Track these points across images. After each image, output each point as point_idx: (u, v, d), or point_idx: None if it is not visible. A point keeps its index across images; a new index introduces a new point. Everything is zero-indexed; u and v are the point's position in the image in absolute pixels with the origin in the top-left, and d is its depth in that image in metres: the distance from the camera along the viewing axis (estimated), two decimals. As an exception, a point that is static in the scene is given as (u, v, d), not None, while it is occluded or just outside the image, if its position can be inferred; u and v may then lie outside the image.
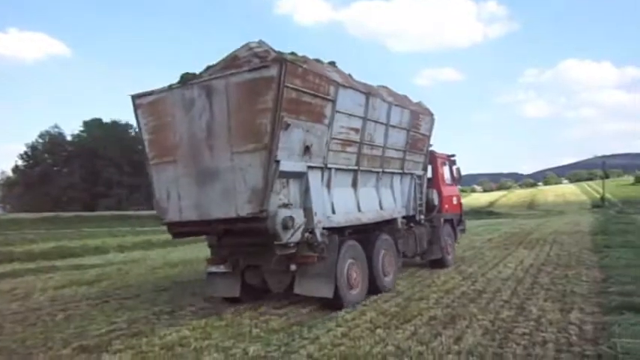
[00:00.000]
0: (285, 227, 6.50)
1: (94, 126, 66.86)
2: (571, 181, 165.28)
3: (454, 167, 12.90)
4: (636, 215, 36.80)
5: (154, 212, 8.22)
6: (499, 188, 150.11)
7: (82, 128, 67.33)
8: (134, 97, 7.48)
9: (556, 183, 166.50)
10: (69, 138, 67.26)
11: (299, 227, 6.71)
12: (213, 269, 7.86)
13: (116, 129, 66.95)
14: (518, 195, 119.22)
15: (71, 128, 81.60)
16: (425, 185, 11.08)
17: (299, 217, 6.74)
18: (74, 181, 61.44)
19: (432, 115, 10.95)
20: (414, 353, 4.91)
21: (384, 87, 9.46)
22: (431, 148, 11.34)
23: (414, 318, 6.38)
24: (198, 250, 19.48)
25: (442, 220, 11.66)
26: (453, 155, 12.95)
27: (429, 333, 5.64)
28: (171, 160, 7.21)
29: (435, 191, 11.43)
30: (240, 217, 6.59)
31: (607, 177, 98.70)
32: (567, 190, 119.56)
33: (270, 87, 6.23)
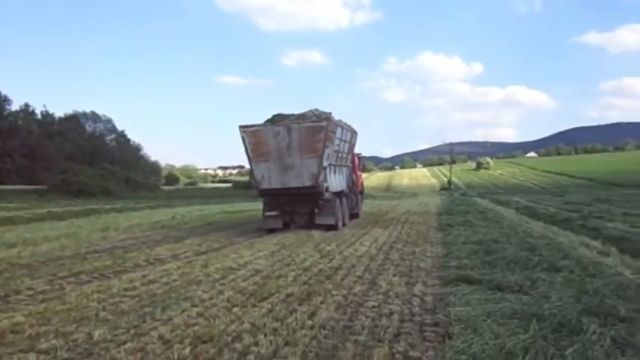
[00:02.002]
0: (326, 190, 13.98)
1: None
2: (424, 165, 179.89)
3: (361, 161, 21.38)
4: (476, 198, 41.29)
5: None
6: (362, 171, 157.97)
7: None
8: (241, 127, 13.78)
9: (411, 167, 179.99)
10: None
11: (328, 191, 14.11)
12: (268, 214, 14.57)
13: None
14: (378, 177, 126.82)
15: None
16: (351, 172, 18.48)
17: (328, 187, 14.08)
18: None
19: (356, 132, 18.00)
20: (268, 330, 4.93)
21: (340, 120, 15.48)
22: None
23: (272, 296, 6.42)
24: (40, 229, 17.78)
25: (358, 191, 19.97)
26: (360, 153, 20.76)
27: (285, 310, 5.71)
28: (265, 159, 13.81)
29: (354, 175, 19.04)
30: (304, 186, 13.65)
31: (454, 162, 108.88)
32: (420, 174, 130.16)
33: (322, 130, 13.35)
